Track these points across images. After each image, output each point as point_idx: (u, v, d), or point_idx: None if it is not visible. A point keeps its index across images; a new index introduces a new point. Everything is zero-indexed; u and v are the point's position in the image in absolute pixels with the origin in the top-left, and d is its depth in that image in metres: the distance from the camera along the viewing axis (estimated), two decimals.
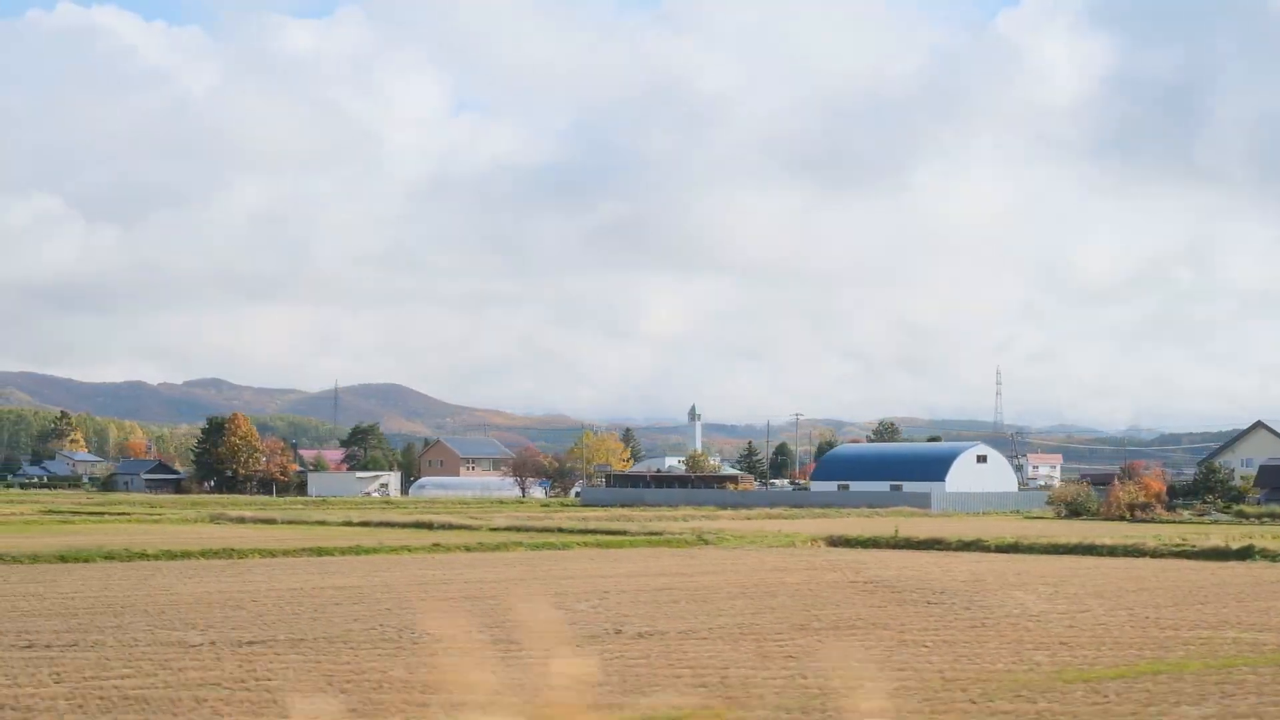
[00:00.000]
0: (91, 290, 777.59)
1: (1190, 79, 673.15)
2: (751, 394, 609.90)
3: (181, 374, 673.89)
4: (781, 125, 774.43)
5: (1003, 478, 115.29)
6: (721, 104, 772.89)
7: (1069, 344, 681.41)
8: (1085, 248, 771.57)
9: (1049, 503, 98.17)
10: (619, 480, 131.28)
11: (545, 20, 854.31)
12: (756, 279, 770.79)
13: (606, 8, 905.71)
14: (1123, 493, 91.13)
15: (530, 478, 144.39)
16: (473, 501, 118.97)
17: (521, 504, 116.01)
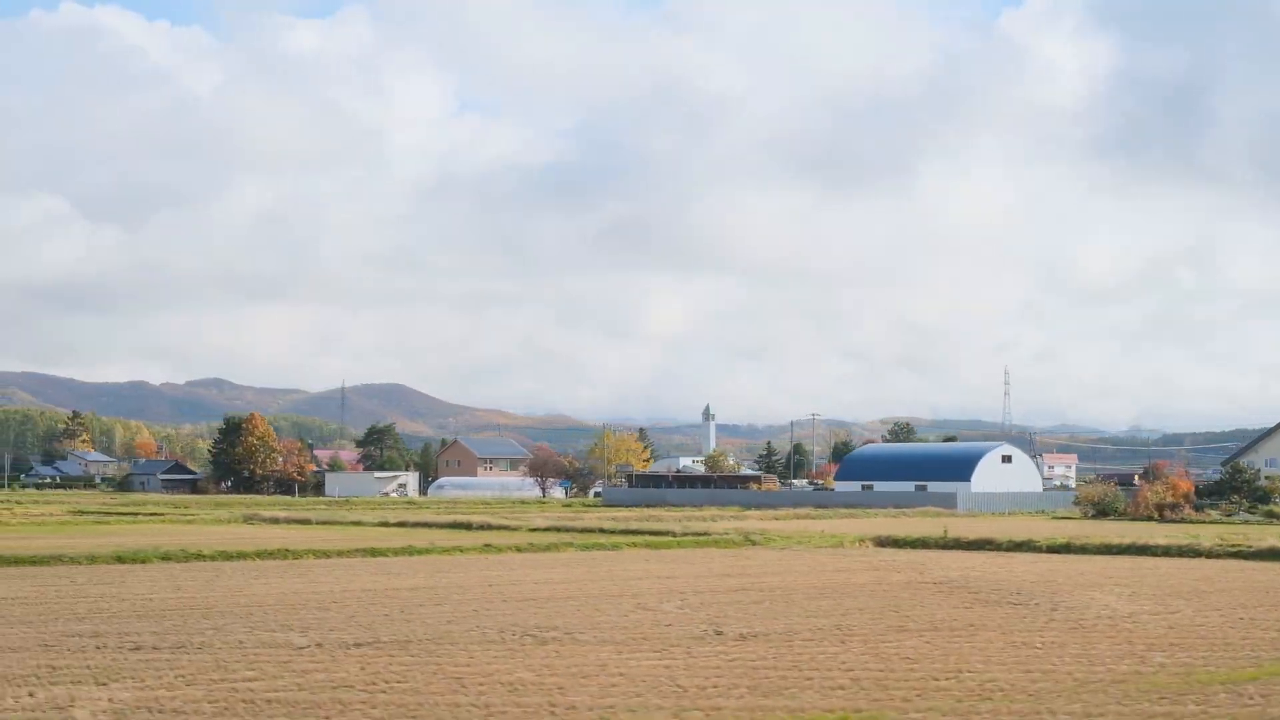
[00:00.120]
0: (94, 290, 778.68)
1: (1193, 79, 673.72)
2: (752, 394, 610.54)
3: (184, 374, 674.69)
4: (784, 125, 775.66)
5: (1027, 478, 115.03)
6: (724, 104, 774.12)
7: (1071, 344, 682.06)
8: (1088, 248, 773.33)
9: (1076, 503, 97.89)
10: (641, 480, 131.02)
11: (548, 20, 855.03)
12: (759, 279, 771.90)
13: (609, 8, 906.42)
14: (1150, 493, 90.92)
15: (550, 478, 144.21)
16: (494, 502, 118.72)
17: (544, 504, 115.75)
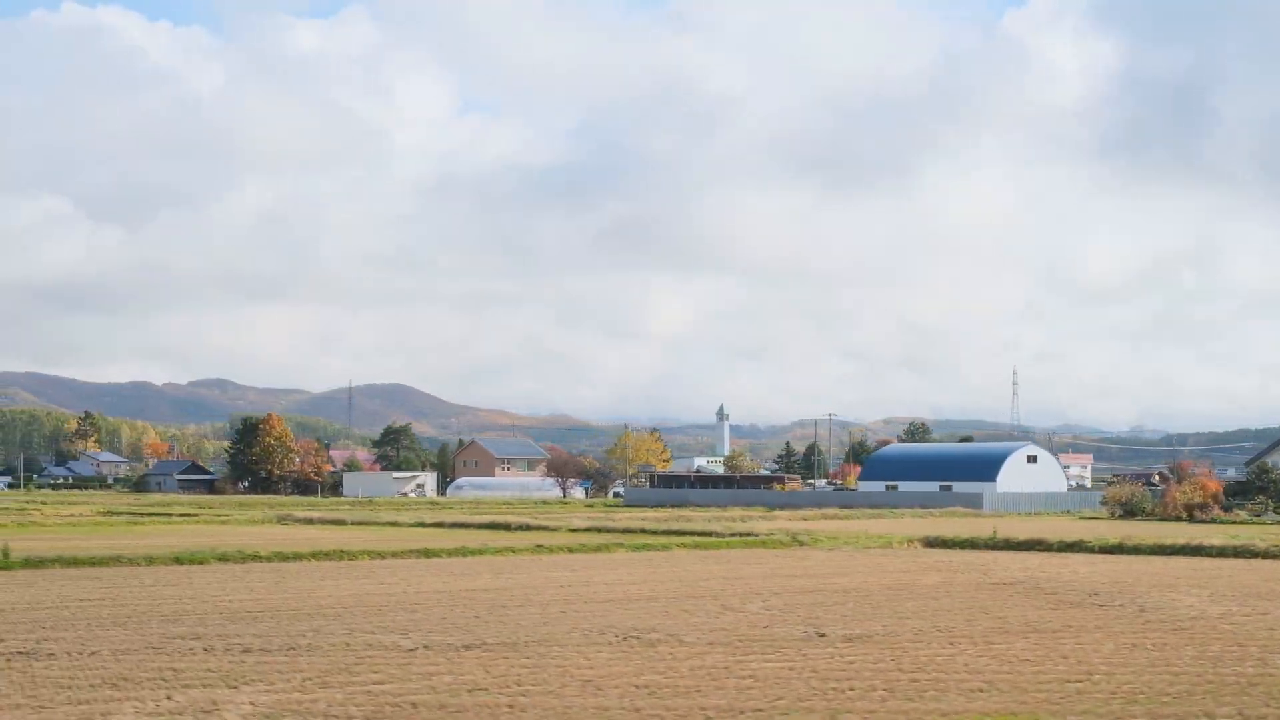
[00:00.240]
0: (96, 290, 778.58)
1: (1196, 79, 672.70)
2: (753, 394, 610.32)
3: (186, 374, 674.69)
4: (787, 125, 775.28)
5: (1052, 478, 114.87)
6: (726, 104, 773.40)
7: (1073, 344, 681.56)
8: (1090, 248, 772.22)
9: (1103, 503, 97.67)
10: (662, 480, 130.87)
11: (550, 20, 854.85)
12: (760, 279, 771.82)
13: (611, 8, 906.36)
14: (1179, 493, 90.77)
15: (571, 478, 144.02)
16: (515, 502, 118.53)
17: (566, 504, 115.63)
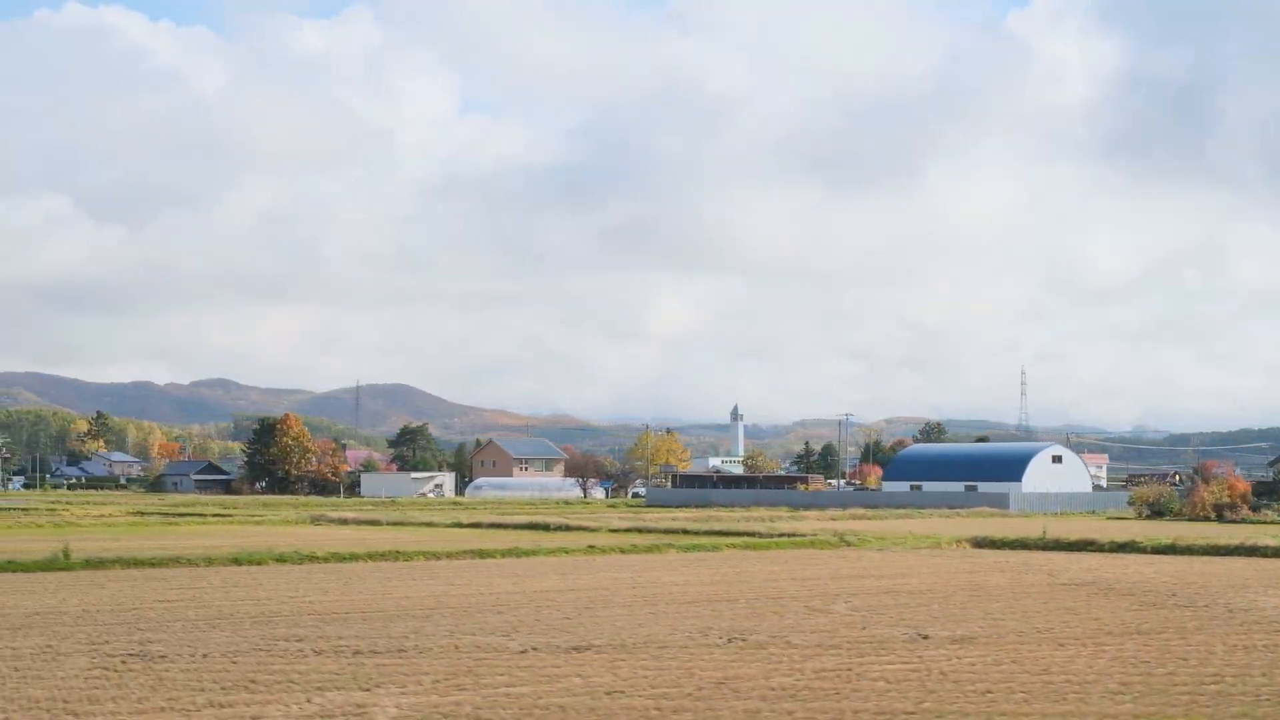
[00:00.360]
0: (98, 290, 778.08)
1: (1200, 79, 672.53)
2: (754, 394, 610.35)
3: (188, 374, 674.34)
4: (789, 125, 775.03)
5: (1077, 478, 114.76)
6: (729, 104, 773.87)
7: (1075, 344, 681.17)
8: (1093, 247, 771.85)
9: (1130, 503, 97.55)
10: (684, 480, 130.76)
11: (554, 20, 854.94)
12: (762, 279, 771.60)
13: (614, 8, 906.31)
14: (1207, 493, 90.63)
15: (591, 478, 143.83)
16: (538, 502, 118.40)
17: (587, 504, 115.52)
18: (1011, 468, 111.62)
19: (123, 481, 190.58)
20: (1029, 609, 28.93)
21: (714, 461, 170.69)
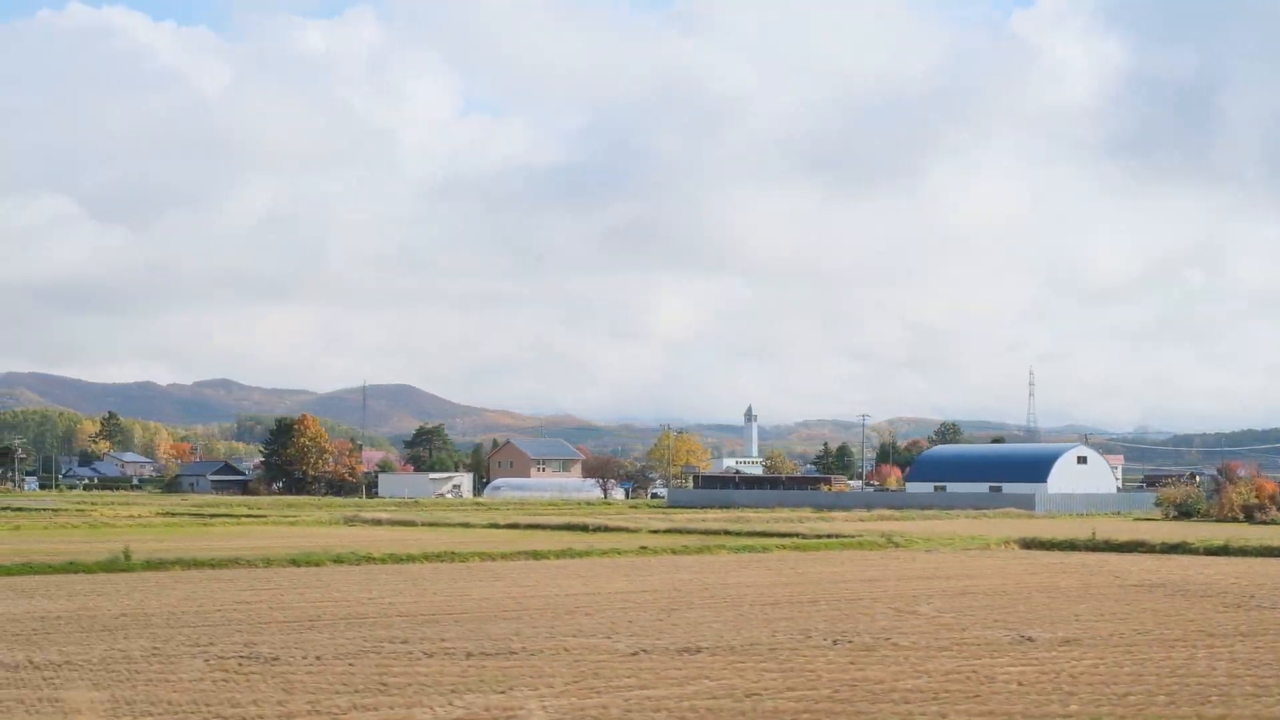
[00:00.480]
0: (100, 290, 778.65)
1: (1203, 79, 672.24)
2: (756, 394, 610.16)
3: (191, 374, 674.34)
4: (793, 125, 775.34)
5: (1102, 480, 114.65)
6: (732, 104, 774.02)
7: (1078, 344, 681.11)
8: (1096, 247, 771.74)
9: (1157, 504, 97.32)
10: (705, 481, 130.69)
11: (556, 20, 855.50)
12: (765, 279, 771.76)
13: (617, 8, 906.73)
14: (1235, 494, 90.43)
15: (611, 479, 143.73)
16: (560, 503, 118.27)
17: (609, 504, 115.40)
18: (1037, 469, 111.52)
19: (136, 482, 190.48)
20: (1115, 611, 28.79)
21: (728, 462, 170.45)
